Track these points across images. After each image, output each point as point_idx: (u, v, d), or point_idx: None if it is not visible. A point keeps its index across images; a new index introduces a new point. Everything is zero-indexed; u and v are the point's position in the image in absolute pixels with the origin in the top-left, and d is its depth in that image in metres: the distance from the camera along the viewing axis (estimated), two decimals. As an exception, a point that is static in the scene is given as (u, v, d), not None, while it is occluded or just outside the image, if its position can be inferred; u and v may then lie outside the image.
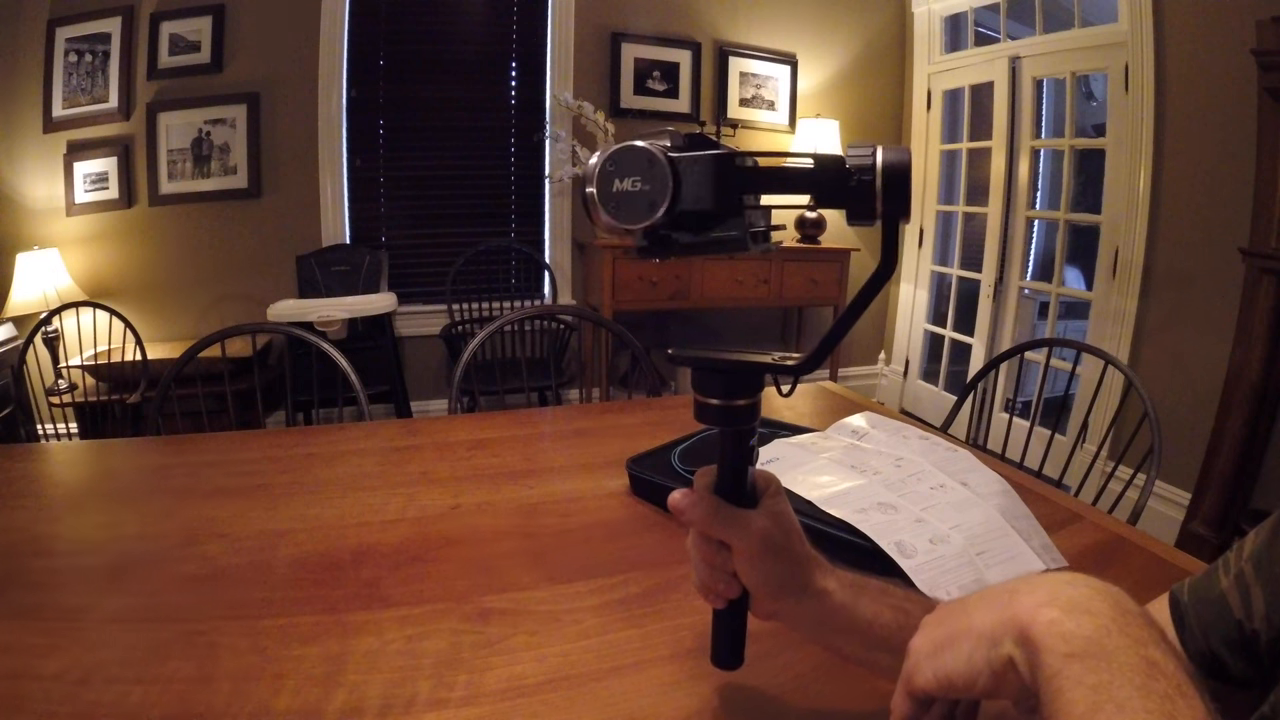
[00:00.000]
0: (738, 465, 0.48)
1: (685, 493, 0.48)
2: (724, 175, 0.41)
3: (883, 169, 0.39)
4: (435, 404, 3.31)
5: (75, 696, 0.54)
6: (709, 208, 0.41)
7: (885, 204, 0.39)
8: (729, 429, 0.47)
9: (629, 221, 0.41)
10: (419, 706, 0.54)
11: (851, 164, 0.39)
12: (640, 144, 0.40)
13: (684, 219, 0.42)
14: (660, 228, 0.42)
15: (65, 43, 2.72)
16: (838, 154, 0.40)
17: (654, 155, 0.40)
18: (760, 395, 0.47)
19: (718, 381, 0.46)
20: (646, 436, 1.07)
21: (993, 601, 0.36)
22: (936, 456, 0.89)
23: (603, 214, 0.41)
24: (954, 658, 0.36)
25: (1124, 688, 0.28)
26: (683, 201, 0.41)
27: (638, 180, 0.40)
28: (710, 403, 0.46)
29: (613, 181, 0.41)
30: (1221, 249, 2.14)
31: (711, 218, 0.43)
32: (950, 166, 3.63)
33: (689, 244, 0.43)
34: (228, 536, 0.81)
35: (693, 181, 0.41)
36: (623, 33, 3.27)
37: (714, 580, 0.49)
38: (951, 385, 3.61)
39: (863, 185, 0.39)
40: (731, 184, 0.42)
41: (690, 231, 0.43)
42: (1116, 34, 2.58)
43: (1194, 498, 2.13)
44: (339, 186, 3.06)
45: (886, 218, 0.40)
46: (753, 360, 0.45)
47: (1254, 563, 0.46)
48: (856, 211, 0.40)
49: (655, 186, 0.40)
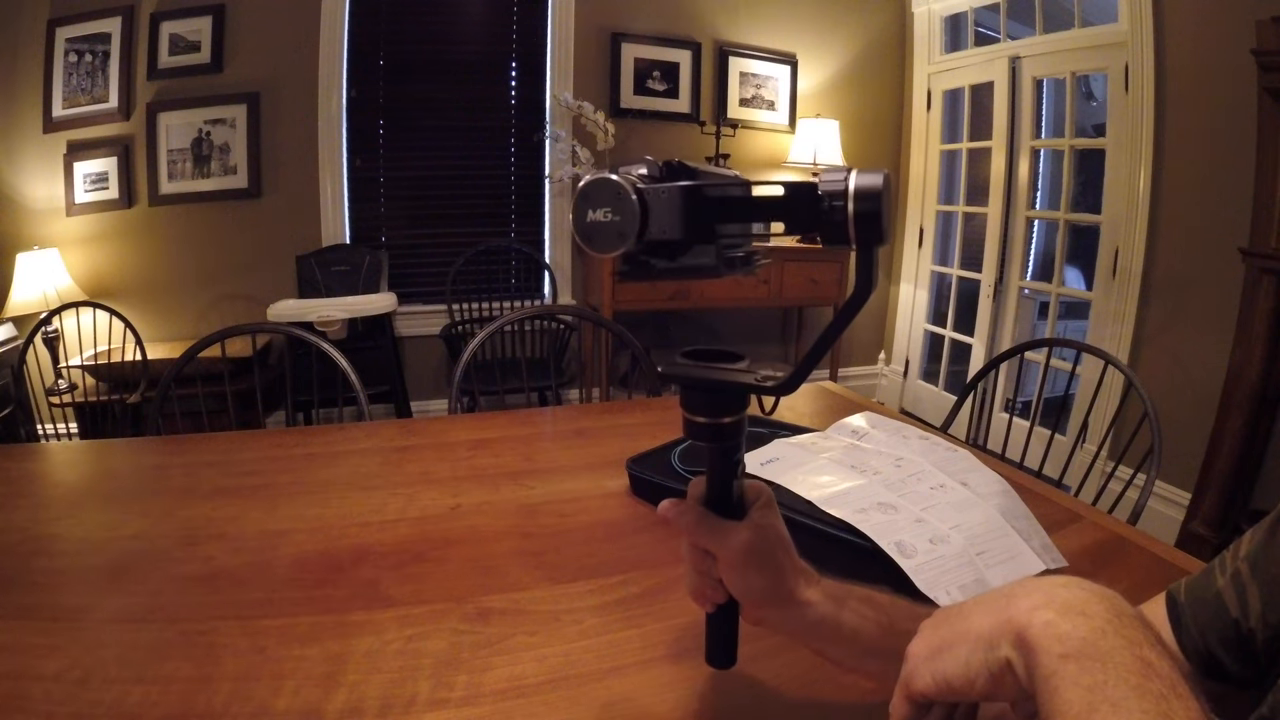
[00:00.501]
0: (723, 479, 0.49)
1: (675, 502, 0.50)
2: (692, 206, 0.42)
3: (854, 195, 0.39)
4: (435, 404, 3.31)
5: (75, 696, 0.54)
6: (677, 237, 0.42)
7: (858, 230, 0.39)
8: (714, 445, 0.48)
9: (600, 250, 0.43)
10: (419, 706, 0.54)
11: (824, 190, 0.40)
12: (612, 176, 0.42)
13: (658, 247, 0.43)
14: (637, 254, 0.43)
15: (65, 43, 2.72)
16: (810, 180, 0.41)
17: (622, 187, 0.41)
18: (744, 414, 0.48)
19: (702, 400, 0.47)
20: (646, 436, 1.07)
21: (989, 605, 0.36)
22: (936, 456, 0.89)
23: (579, 241, 0.43)
24: (952, 661, 0.36)
25: (1119, 688, 0.28)
26: (650, 232, 0.42)
27: (608, 211, 0.42)
28: (697, 420, 0.47)
29: (586, 212, 0.42)
30: (1221, 249, 2.14)
31: (684, 246, 0.44)
32: (950, 166, 3.63)
33: (665, 269, 0.45)
34: (228, 536, 0.81)
35: (661, 212, 0.42)
36: (623, 33, 3.27)
37: (702, 585, 0.51)
38: (951, 385, 3.61)
39: (834, 211, 0.39)
40: (700, 214, 0.42)
41: (666, 257, 0.44)
42: (1116, 34, 2.58)
43: (1194, 498, 2.13)
44: (339, 186, 3.06)
45: (860, 243, 0.40)
46: (734, 380, 0.46)
47: (1250, 562, 0.47)
48: (830, 237, 0.40)
49: (624, 217, 0.42)
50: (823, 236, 0.40)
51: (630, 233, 0.41)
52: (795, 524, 0.53)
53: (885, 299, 4.03)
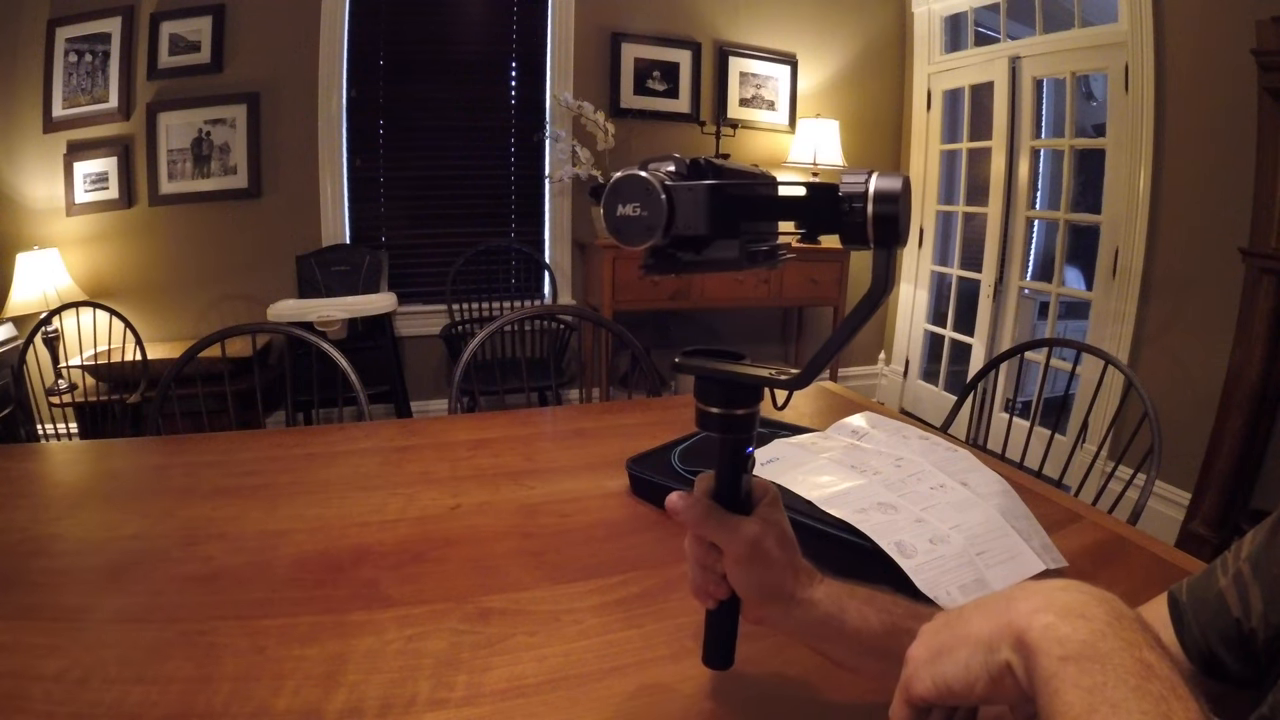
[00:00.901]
0: (733, 472, 0.50)
1: (682, 495, 0.50)
2: (716, 203, 0.44)
3: (874, 197, 0.40)
4: (435, 404, 3.31)
5: (75, 696, 0.54)
6: (702, 232, 0.44)
7: (876, 231, 0.40)
8: (727, 436, 0.49)
9: (629, 243, 0.45)
10: (419, 706, 0.54)
11: (845, 191, 0.41)
12: (641, 173, 0.44)
13: (684, 241, 0.45)
14: (663, 247, 0.45)
15: (65, 43, 2.72)
16: (831, 182, 0.42)
17: (651, 184, 0.43)
18: (758, 406, 0.49)
19: (718, 391, 0.48)
20: (646, 436, 1.07)
21: (989, 609, 0.36)
22: (936, 456, 0.89)
23: (609, 234, 0.45)
24: (952, 664, 0.36)
25: (1119, 689, 0.28)
26: (677, 227, 0.44)
27: (637, 206, 0.44)
28: (711, 410, 0.49)
29: (616, 207, 0.44)
30: (1221, 249, 2.14)
31: (708, 240, 0.45)
32: (950, 166, 3.63)
33: (690, 262, 0.46)
34: (228, 536, 0.81)
35: (688, 208, 0.44)
36: (623, 33, 3.27)
37: (705, 580, 0.51)
38: (951, 385, 3.61)
39: (854, 212, 0.40)
40: (726, 211, 0.44)
41: (692, 250, 0.46)
42: (1116, 34, 2.58)
43: (1194, 498, 2.13)
44: (339, 186, 3.06)
45: (879, 244, 0.41)
46: (750, 374, 0.47)
47: (1252, 563, 0.47)
48: (850, 237, 0.41)
49: (652, 213, 0.43)
50: (842, 237, 0.41)
51: (657, 227, 0.43)
52: (795, 524, 0.53)
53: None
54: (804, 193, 0.42)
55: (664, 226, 0.43)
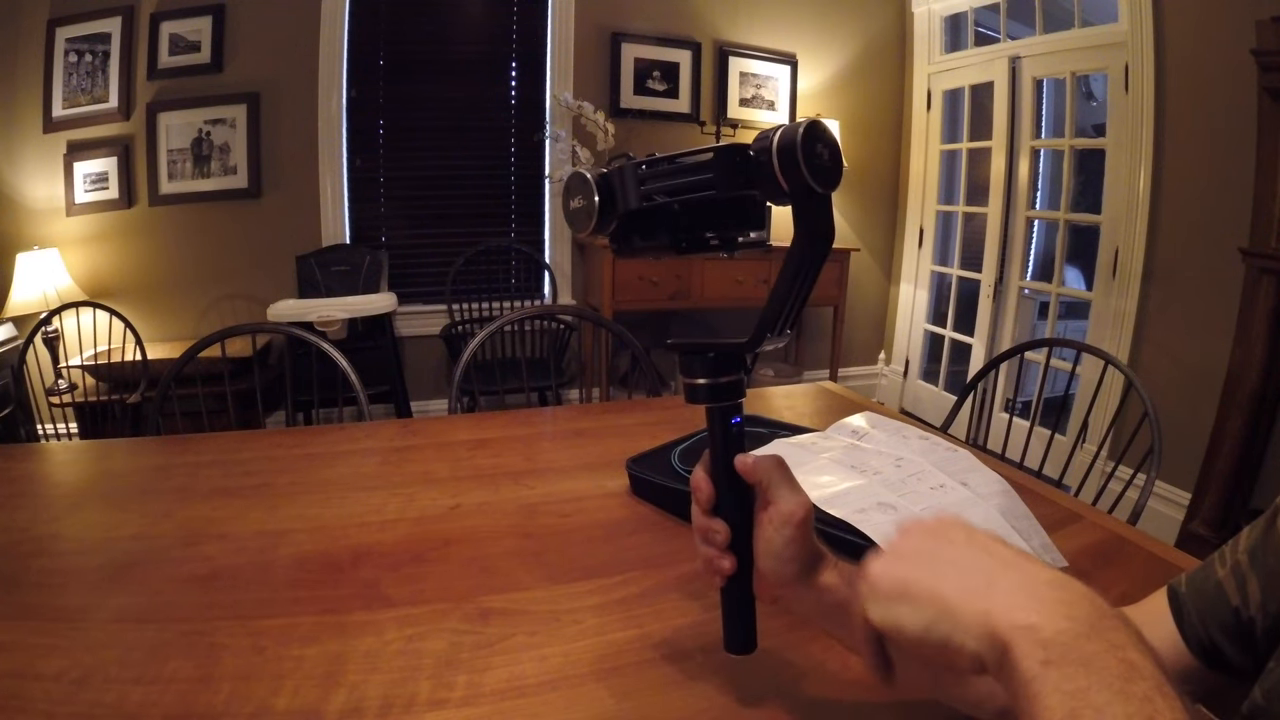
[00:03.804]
0: (726, 449, 0.51)
1: (751, 455, 0.51)
2: (633, 178, 0.49)
3: (777, 144, 0.41)
4: (435, 404, 3.31)
5: (75, 696, 0.54)
6: (633, 206, 0.49)
7: (786, 179, 0.41)
8: (713, 406, 0.51)
9: (577, 231, 0.52)
10: (419, 706, 0.54)
11: (755, 148, 0.43)
12: (581, 170, 0.50)
13: (634, 222, 0.51)
14: (620, 232, 0.51)
15: (65, 43, 2.72)
16: (741, 142, 0.44)
17: (585, 177, 0.50)
18: (740, 376, 0.51)
19: (700, 364, 0.51)
20: (646, 436, 1.07)
21: (968, 579, 0.36)
22: (936, 456, 0.89)
23: (566, 225, 0.53)
24: (912, 619, 0.36)
25: (1102, 693, 0.28)
26: (616, 208, 0.50)
27: (580, 198, 0.50)
28: (696, 383, 0.51)
29: (568, 202, 0.52)
30: (1221, 249, 2.14)
31: (650, 217, 0.50)
32: (950, 166, 3.63)
33: (642, 247, 0.52)
34: (228, 536, 0.81)
35: (619, 190, 0.50)
36: (623, 33, 3.27)
37: (709, 554, 0.52)
38: (951, 385, 3.61)
39: (762, 165, 0.42)
40: (644, 180, 0.49)
41: (640, 235, 0.52)
42: (1116, 34, 2.58)
43: (1194, 498, 2.13)
44: (339, 186, 3.06)
45: (795, 194, 0.42)
46: (718, 342, 0.51)
47: (1250, 555, 0.47)
48: (768, 192, 0.43)
49: (589, 201, 0.50)
50: (761, 193, 0.44)
51: (594, 211, 0.49)
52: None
53: (885, 299, 4.03)
54: (710, 155, 0.45)
55: (599, 210, 0.49)
